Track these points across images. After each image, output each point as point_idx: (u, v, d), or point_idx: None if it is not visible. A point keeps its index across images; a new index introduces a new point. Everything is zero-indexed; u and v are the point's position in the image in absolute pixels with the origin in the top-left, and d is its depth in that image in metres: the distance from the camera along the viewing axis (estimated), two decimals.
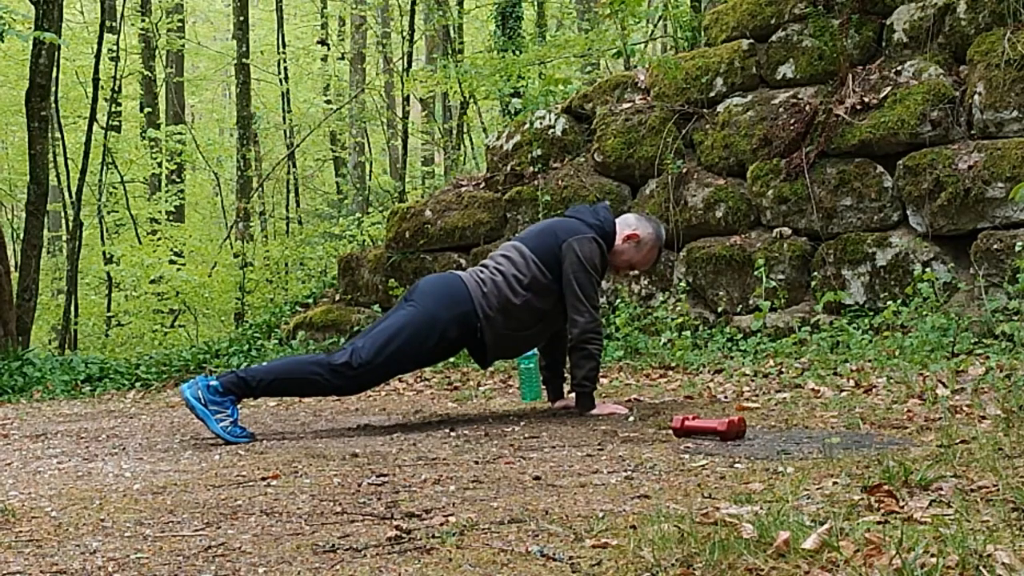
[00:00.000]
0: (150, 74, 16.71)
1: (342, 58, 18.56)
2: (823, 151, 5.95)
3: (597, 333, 3.77)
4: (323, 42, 17.95)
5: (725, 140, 6.39)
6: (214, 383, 3.52)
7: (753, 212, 6.26)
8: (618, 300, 6.50)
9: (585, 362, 3.78)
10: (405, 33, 13.17)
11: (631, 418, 3.69)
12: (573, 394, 3.91)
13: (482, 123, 14.24)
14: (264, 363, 3.65)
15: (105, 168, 14.46)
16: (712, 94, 6.61)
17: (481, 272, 3.83)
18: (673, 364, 5.42)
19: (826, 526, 1.75)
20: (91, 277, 15.10)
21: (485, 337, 3.75)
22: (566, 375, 4.13)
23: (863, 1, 6.17)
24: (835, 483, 2.27)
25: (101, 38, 11.54)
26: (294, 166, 16.61)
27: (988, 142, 5.46)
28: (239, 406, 3.66)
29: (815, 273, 5.93)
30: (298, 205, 17.42)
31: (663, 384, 4.80)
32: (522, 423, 3.72)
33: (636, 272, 4.11)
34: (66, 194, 13.55)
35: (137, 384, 6.65)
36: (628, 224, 3.97)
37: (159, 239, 14.02)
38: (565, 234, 3.81)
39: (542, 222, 4.09)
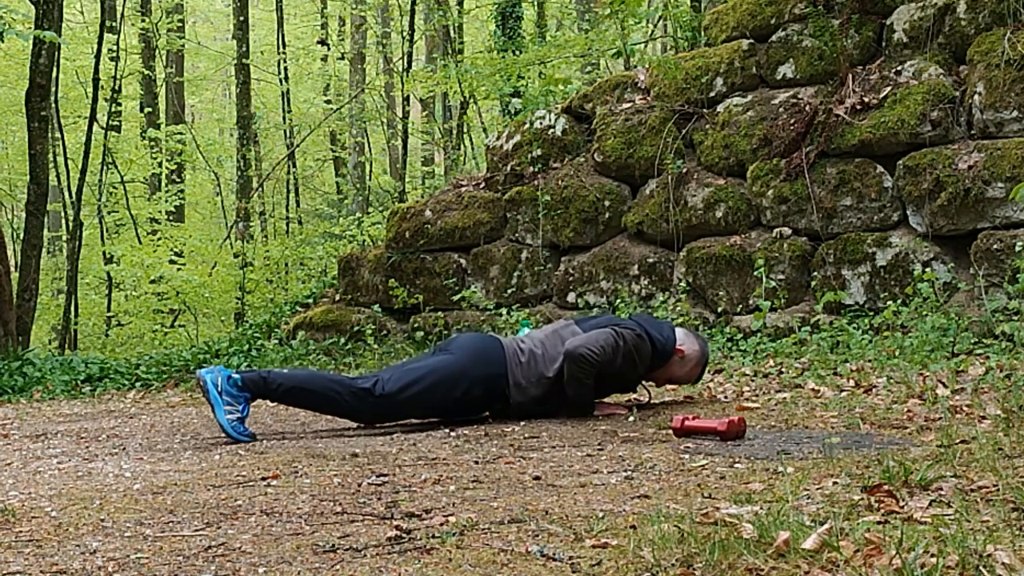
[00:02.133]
0: (150, 74, 16.71)
1: (342, 58, 18.56)
2: (823, 151, 5.95)
3: (591, 365, 3.71)
4: (323, 42, 17.94)
5: (725, 140, 6.39)
6: (235, 376, 3.55)
7: (753, 212, 6.26)
8: (618, 300, 6.50)
9: (574, 382, 3.75)
10: (405, 33, 13.16)
11: (631, 418, 3.69)
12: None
13: (482, 123, 14.24)
14: (287, 369, 3.70)
15: (105, 168, 14.46)
16: (712, 94, 6.61)
17: (524, 342, 3.86)
18: None
19: (826, 526, 1.75)
20: (91, 277, 15.10)
21: (511, 403, 3.79)
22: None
23: (863, 1, 6.16)
24: (835, 483, 2.27)
25: (101, 38, 11.54)
26: (294, 166, 16.61)
27: (988, 142, 5.46)
28: (251, 407, 3.68)
29: (815, 273, 5.93)
30: (298, 205, 17.42)
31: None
32: (522, 423, 3.72)
33: (673, 384, 4.15)
34: (66, 194, 13.54)
35: (137, 384, 6.65)
36: (676, 339, 3.95)
37: (159, 239, 14.02)
38: (620, 325, 3.83)
39: (608, 317, 4.08)
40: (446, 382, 3.70)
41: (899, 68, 5.91)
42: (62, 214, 15.54)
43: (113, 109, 14.34)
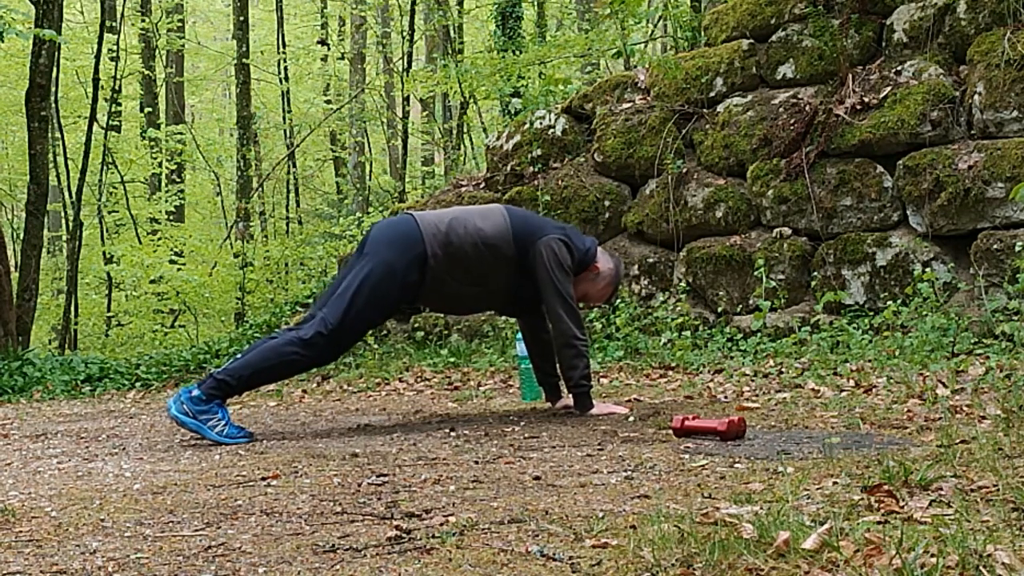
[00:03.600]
0: (150, 74, 16.71)
1: (342, 58, 18.56)
2: (823, 151, 5.95)
3: (582, 329, 3.77)
4: (323, 42, 17.95)
5: (725, 140, 6.39)
6: (196, 392, 3.49)
7: (753, 212, 6.26)
8: (618, 300, 6.50)
9: (577, 361, 3.76)
10: (405, 33, 13.17)
11: (631, 418, 3.69)
12: (571, 395, 3.91)
13: (482, 123, 14.24)
14: (237, 357, 3.60)
15: (105, 168, 14.46)
16: (712, 94, 6.61)
17: (445, 214, 3.78)
18: (673, 364, 5.42)
19: (826, 526, 1.75)
20: (91, 277, 15.10)
21: (429, 276, 3.68)
22: (559, 373, 4.12)
23: (863, 1, 6.16)
24: (835, 483, 2.27)
25: (101, 38, 11.54)
26: (294, 166, 16.61)
27: (988, 142, 5.46)
28: (229, 408, 3.65)
29: (815, 273, 5.93)
30: (298, 205, 17.43)
31: (663, 384, 4.80)
32: (522, 423, 3.72)
33: (584, 303, 4.10)
34: (66, 194, 13.55)
35: (137, 384, 6.65)
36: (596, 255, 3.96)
37: (159, 239, 14.02)
38: (543, 232, 3.79)
39: (535, 221, 4.04)
40: (381, 285, 3.60)
41: (899, 68, 5.91)
42: (62, 214, 15.54)
43: (113, 109, 14.34)
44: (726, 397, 4.18)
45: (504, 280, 3.80)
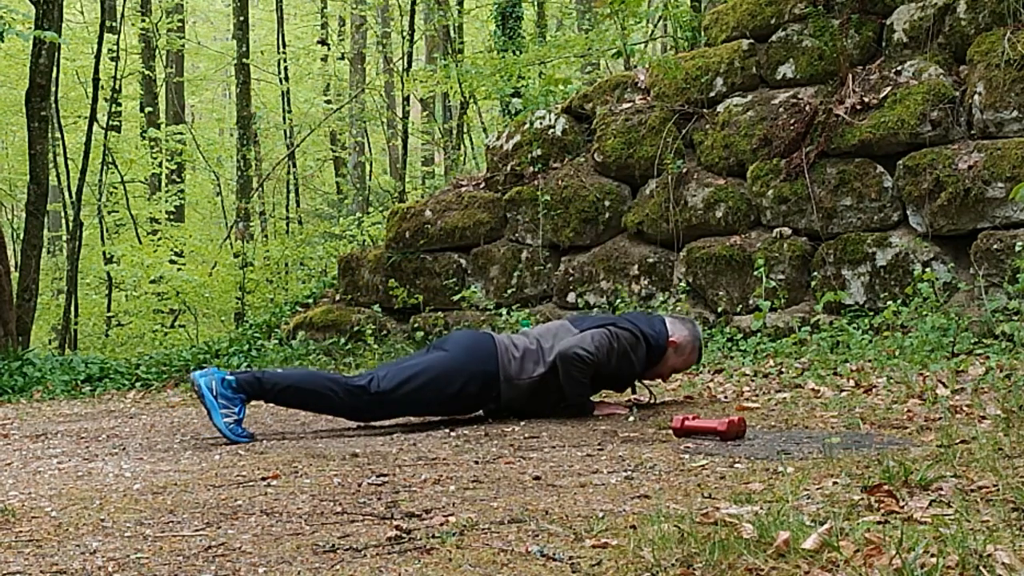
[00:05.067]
0: (150, 74, 16.71)
1: (342, 58, 18.56)
2: (823, 151, 5.95)
3: (586, 364, 3.72)
4: (323, 42, 17.94)
5: (725, 140, 6.39)
6: (229, 378, 3.53)
7: (753, 212, 6.26)
8: (618, 300, 6.50)
9: (572, 382, 3.76)
10: (405, 33, 13.16)
11: (631, 418, 3.69)
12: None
13: (482, 123, 14.23)
14: (282, 369, 3.68)
15: (105, 168, 14.46)
16: (712, 94, 6.61)
17: (518, 339, 3.87)
18: None
19: (826, 526, 1.75)
20: (91, 277, 15.10)
21: (501, 399, 3.79)
22: None
23: (863, 1, 6.16)
24: (835, 483, 2.27)
25: (101, 38, 11.54)
26: (294, 166, 16.61)
27: (988, 142, 5.46)
28: (247, 408, 3.67)
29: (815, 273, 5.93)
30: (298, 205, 17.42)
31: (663, 384, 4.80)
32: (522, 423, 3.72)
33: (676, 373, 4.19)
34: (66, 194, 13.55)
35: (137, 384, 6.65)
36: (668, 331, 3.96)
37: (159, 239, 14.02)
38: (615, 325, 3.84)
39: (603, 316, 4.09)
40: (441, 379, 3.69)
41: (899, 68, 5.91)
42: (62, 214, 15.54)
43: (113, 109, 14.34)
44: (726, 397, 4.18)
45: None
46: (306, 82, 19.71)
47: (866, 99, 5.86)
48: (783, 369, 4.83)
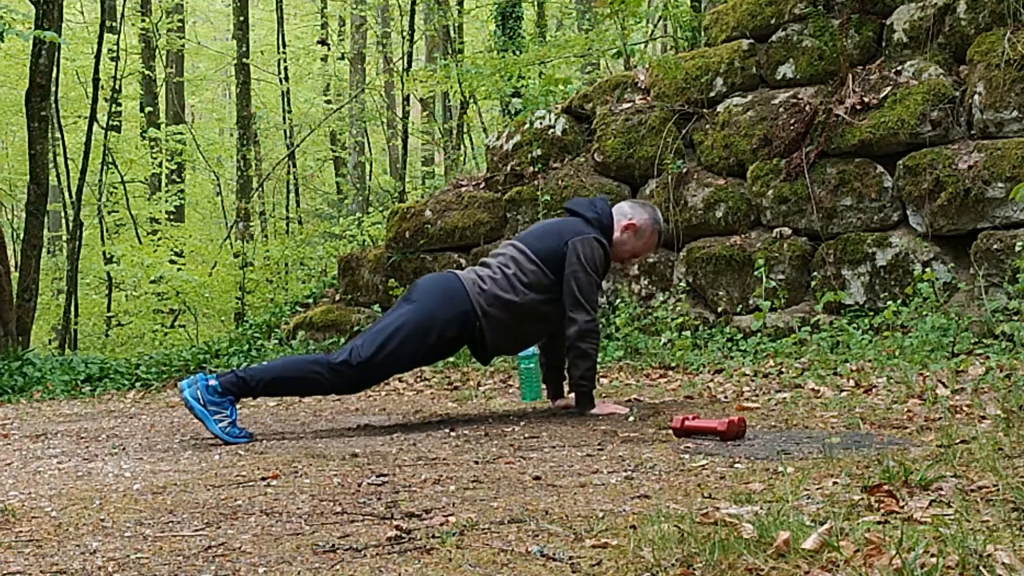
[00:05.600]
0: (150, 74, 16.71)
1: (342, 58, 18.56)
2: (823, 151, 5.95)
3: (594, 333, 3.77)
4: (323, 42, 17.94)
5: (725, 140, 6.39)
6: (213, 383, 3.52)
7: (753, 212, 6.26)
8: (618, 300, 6.50)
9: (582, 361, 3.78)
10: (405, 33, 13.17)
11: (631, 418, 3.69)
12: (573, 394, 3.92)
13: (482, 123, 14.24)
14: (263, 363, 3.66)
15: (105, 168, 14.46)
16: (712, 94, 6.61)
17: (481, 270, 3.84)
18: (673, 364, 5.42)
19: (826, 526, 1.75)
20: (91, 277, 15.10)
21: (485, 335, 3.76)
22: (566, 374, 4.13)
23: (863, 1, 6.16)
24: (835, 483, 2.27)
25: (101, 38, 11.54)
26: (294, 166, 16.61)
27: (988, 142, 5.46)
28: (238, 406, 3.66)
29: (815, 273, 5.93)
30: (298, 205, 17.42)
31: (663, 384, 4.80)
32: (522, 423, 3.72)
33: (639, 259, 4.16)
34: (66, 194, 13.55)
35: (137, 384, 6.65)
36: (624, 214, 3.99)
37: (159, 239, 14.02)
38: (569, 234, 3.83)
39: (544, 222, 4.11)
40: (419, 331, 3.66)
41: (899, 68, 5.91)
42: (62, 214, 15.54)
43: (113, 109, 14.35)
44: (726, 397, 4.18)
45: (558, 302, 3.83)
46: (306, 82, 19.71)
47: (866, 99, 5.86)
48: (783, 369, 4.83)
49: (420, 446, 3.24)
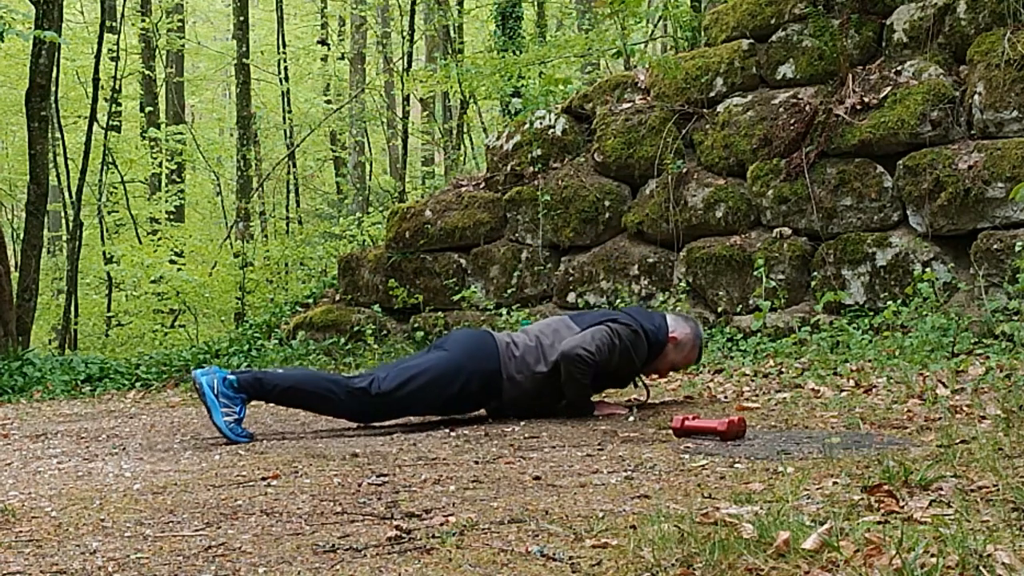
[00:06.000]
0: (150, 74, 16.71)
1: (342, 58, 18.55)
2: (823, 151, 5.95)
3: (587, 365, 3.70)
4: (323, 42, 17.94)
5: (725, 140, 6.39)
6: (231, 378, 3.54)
7: (753, 212, 6.26)
8: (618, 300, 6.50)
9: (572, 383, 3.75)
10: (405, 33, 13.17)
11: (631, 418, 3.69)
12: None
13: (482, 123, 14.23)
14: (282, 369, 3.67)
15: (105, 168, 14.46)
16: (712, 94, 6.61)
17: (518, 336, 3.86)
18: None
19: (826, 526, 1.75)
20: (91, 277, 15.10)
21: (504, 398, 3.79)
22: None
23: (863, 1, 6.16)
24: (835, 483, 2.27)
25: (101, 38, 11.54)
26: (294, 166, 16.60)
27: (988, 142, 5.46)
28: (248, 407, 3.67)
29: (815, 273, 5.93)
30: (298, 205, 17.42)
31: (663, 384, 4.80)
32: (522, 423, 3.72)
33: (674, 371, 4.20)
34: (66, 194, 13.54)
35: (137, 384, 6.64)
36: (668, 327, 3.96)
37: (159, 239, 14.02)
38: (614, 320, 3.83)
39: (602, 311, 4.10)
40: (442, 378, 3.69)
41: (899, 68, 5.91)
42: (62, 214, 15.54)
43: (113, 109, 14.34)
44: (726, 397, 4.18)
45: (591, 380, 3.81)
46: (306, 82, 19.70)
47: (866, 99, 5.86)
48: (783, 369, 4.83)
49: (420, 446, 3.24)
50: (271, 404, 3.86)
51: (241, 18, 13.81)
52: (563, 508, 2.19)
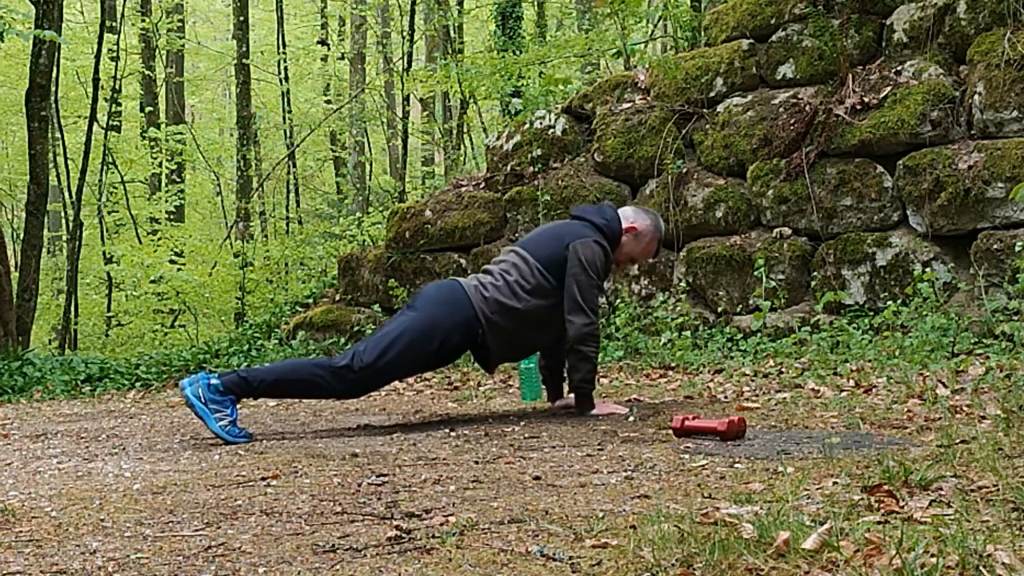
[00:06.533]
0: (150, 74, 16.71)
1: (342, 58, 18.56)
2: (823, 151, 5.95)
3: (594, 336, 3.77)
4: (323, 42, 17.94)
5: (725, 140, 6.39)
6: (215, 382, 3.53)
7: (753, 212, 6.26)
8: (618, 300, 6.50)
9: (582, 364, 3.78)
10: (405, 33, 13.17)
11: (631, 418, 3.69)
12: (572, 394, 3.92)
13: (482, 123, 14.24)
14: (266, 364, 3.68)
15: (105, 168, 14.46)
16: (712, 94, 6.61)
17: (483, 277, 3.85)
18: (673, 364, 5.42)
19: (826, 526, 1.75)
20: (91, 277, 15.10)
21: (488, 341, 3.77)
22: (566, 375, 4.13)
23: (863, 1, 6.16)
24: (835, 483, 2.27)
25: (101, 38, 11.55)
26: (294, 166, 16.61)
27: (988, 142, 5.46)
28: (239, 406, 3.67)
29: (815, 273, 5.93)
30: (298, 205, 17.42)
31: (663, 384, 4.80)
32: (522, 423, 3.72)
33: (636, 265, 4.17)
34: (66, 194, 13.55)
35: (137, 384, 6.65)
36: (626, 217, 3.99)
37: (159, 239, 14.02)
38: (570, 238, 3.83)
39: (546, 225, 4.11)
40: (420, 338, 3.69)
41: (899, 68, 5.91)
42: (62, 214, 15.54)
43: (113, 109, 14.35)
44: (726, 397, 4.18)
45: (561, 307, 3.82)
46: (306, 82, 19.71)
47: (866, 99, 5.86)
48: (783, 369, 4.83)
49: (420, 446, 3.24)
50: (270, 404, 3.86)
51: (241, 18, 13.82)
52: (563, 508, 2.19)
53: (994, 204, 5.35)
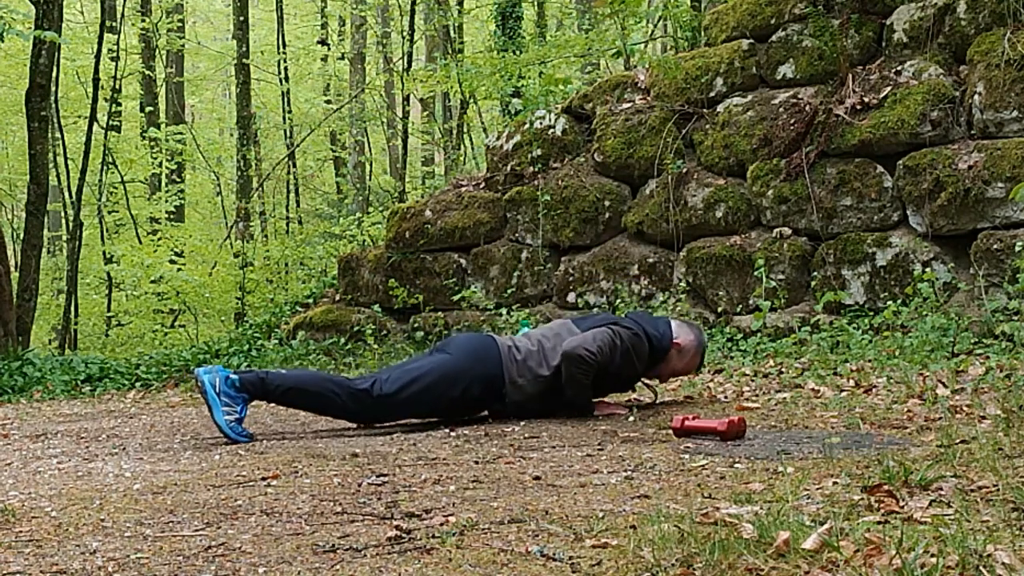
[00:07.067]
0: (150, 74, 16.71)
1: (342, 58, 18.55)
2: (823, 151, 5.95)
3: (588, 366, 3.70)
4: (323, 42, 17.94)
5: (725, 140, 6.39)
6: (233, 377, 3.54)
7: (753, 212, 6.26)
8: (618, 300, 6.50)
9: (570, 384, 3.75)
10: (405, 33, 13.17)
11: (631, 418, 3.69)
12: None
13: (482, 123, 14.23)
14: (285, 370, 3.69)
15: (105, 168, 14.45)
16: (712, 94, 6.60)
17: (520, 340, 3.87)
18: None
19: (826, 526, 1.75)
20: (91, 277, 15.09)
21: (507, 401, 3.79)
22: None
23: (863, 1, 6.16)
24: (835, 483, 2.27)
25: (101, 38, 11.54)
26: (294, 166, 16.60)
27: (988, 142, 5.46)
28: (249, 407, 3.68)
29: (815, 273, 5.93)
30: (298, 205, 17.42)
31: (663, 384, 4.80)
32: (522, 423, 3.72)
33: (675, 377, 4.19)
34: (66, 194, 13.54)
35: (137, 384, 6.64)
36: (672, 333, 3.95)
37: (159, 239, 14.02)
38: (615, 323, 3.84)
39: (604, 315, 4.10)
40: (444, 382, 3.70)
41: (899, 68, 5.91)
42: (62, 214, 15.54)
43: (113, 109, 14.34)
44: (726, 397, 4.18)
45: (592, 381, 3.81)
46: (306, 82, 19.70)
47: (866, 99, 5.86)
48: (783, 369, 4.83)
49: (420, 446, 3.24)
50: (271, 404, 3.86)
51: (241, 18, 13.81)
52: (563, 508, 2.19)
53: (994, 204, 5.35)
